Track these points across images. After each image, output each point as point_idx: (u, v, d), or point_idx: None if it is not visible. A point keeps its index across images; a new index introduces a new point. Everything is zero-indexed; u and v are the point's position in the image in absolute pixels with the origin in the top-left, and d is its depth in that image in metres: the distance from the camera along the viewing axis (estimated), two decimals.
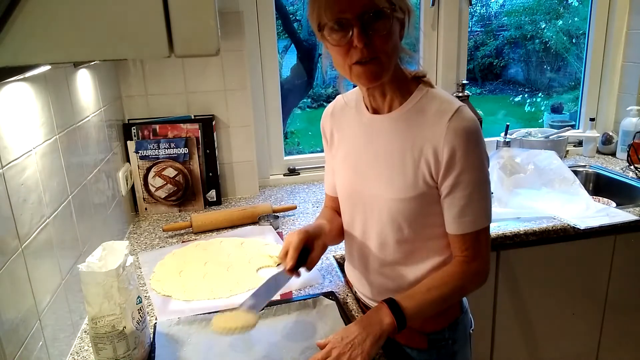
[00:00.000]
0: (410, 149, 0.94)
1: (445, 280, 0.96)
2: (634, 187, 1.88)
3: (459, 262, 0.97)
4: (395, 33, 0.90)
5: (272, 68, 1.95)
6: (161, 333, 1.02)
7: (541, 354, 1.72)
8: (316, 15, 0.89)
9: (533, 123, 3.19)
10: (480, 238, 0.96)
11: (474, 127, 0.91)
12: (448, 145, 0.90)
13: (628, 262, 1.67)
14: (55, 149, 1.05)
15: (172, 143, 1.72)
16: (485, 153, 0.95)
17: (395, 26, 0.89)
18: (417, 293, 0.95)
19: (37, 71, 0.95)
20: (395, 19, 0.89)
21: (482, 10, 3.84)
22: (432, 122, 0.92)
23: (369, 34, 0.86)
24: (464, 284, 0.97)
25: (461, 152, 0.90)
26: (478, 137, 0.92)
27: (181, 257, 1.39)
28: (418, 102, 0.96)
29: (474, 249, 0.95)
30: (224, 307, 1.10)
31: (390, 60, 0.91)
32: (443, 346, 1.05)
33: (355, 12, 0.85)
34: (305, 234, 1.02)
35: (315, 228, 1.06)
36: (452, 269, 0.97)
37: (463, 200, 0.93)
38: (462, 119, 0.90)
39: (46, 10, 0.59)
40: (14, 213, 0.83)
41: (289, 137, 3.20)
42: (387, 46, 0.88)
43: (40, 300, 0.91)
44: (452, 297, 0.99)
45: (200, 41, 0.64)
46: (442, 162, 0.91)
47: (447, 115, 0.91)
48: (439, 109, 0.93)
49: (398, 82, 0.96)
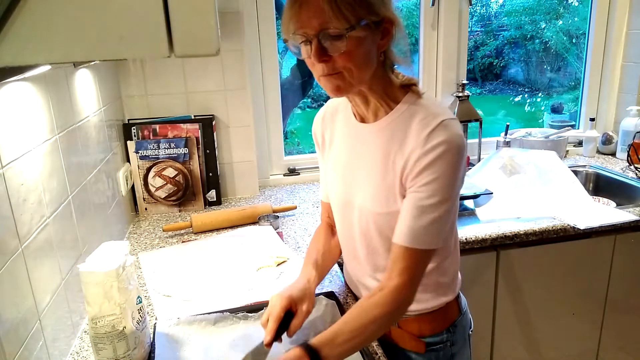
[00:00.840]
0: (392, 161, 0.92)
1: (372, 315, 0.88)
2: (634, 187, 1.88)
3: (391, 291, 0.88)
4: (365, 45, 0.86)
5: (272, 68, 1.95)
6: (161, 333, 1.02)
7: (541, 354, 1.72)
8: (284, 29, 0.89)
9: (533, 123, 3.19)
10: (418, 258, 0.89)
11: (454, 142, 0.86)
12: (423, 155, 0.86)
13: (628, 262, 1.67)
14: (55, 149, 1.05)
15: (172, 143, 1.72)
16: (460, 176, 0.89)
17: (366, 38, 0.85)
18: (339, 335, 0.86)
19: (37, 71, 0.95)
20: (364, 29, 0.84)
21: (482, 10, 3.84)
22: (415, 133, 0.89)
23: (329, 50, 0.84)
24: (392, 317, 0.91)
25: (434, 165, 0.85)
26: (455, 154, 0.86)
27: (181, 257, 1.39)
28: (404, 112, 0.92)
29: (410, 269, 0.88)
30: (224, 307, 1.10)
31: (357, 72, 0.87)
32: (441, 349, 1.05)
33: (313, 30, 0.83)
34: (289, 299, 0.96)
35: (301, 290, 1.00)
36: (383, 300, 0.88)
37: (416, 211, 0.88)
38: (443, 133, 0.86)
39: (46, 10, 0.59)
40: (14, 213, 0.83)
41: (289, 137, 3.20)
42: (350, 62, 0.85)
43: (40, 300, 0.91)
44: (377, 333, 0.92)
45: (200, 41, 0.64)
46: (413, 171, 0.88)
47: (429, 128, 0.87)
48: (422, 119, 0.89)
49: (383, 90, 0.93)
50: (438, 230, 0.89)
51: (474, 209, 1.66)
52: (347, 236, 1.08)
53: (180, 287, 1.23)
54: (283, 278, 1.25)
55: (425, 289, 1.01)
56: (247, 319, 1.05)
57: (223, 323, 1.04)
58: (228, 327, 1.03)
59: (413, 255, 0.89)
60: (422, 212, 0.87)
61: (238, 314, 1.05)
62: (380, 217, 0.95)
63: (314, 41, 0.84)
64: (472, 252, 1.51)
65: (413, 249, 0.88)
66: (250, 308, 1.09)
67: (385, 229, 0.95)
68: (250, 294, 1.18)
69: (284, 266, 1.31)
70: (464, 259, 1.47)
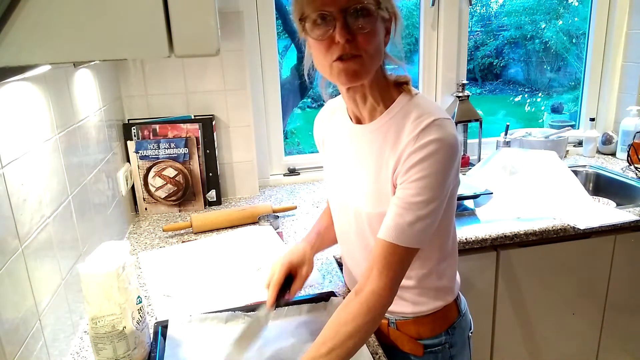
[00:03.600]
0: (385, 161, 0.91)
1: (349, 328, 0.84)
2: (634, 187, 1.88)
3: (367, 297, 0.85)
4: (380, 34, 0.86)
5: (272, 68, 1.95)
6: (173, 331, 1.02)
7: (541, 354, 1.72)
8: (298, 7, 0.86)
9: (533, 123, 3.19)
10: (397, 255, 0.86)
11: (446, 141, 0.84)
12: (414, 153, 0.85)
13: (628, 262, 1.67)
14: (55, 149, 1.05)
15: (172, 143, 1.72)
16: (451, 175, 0.87)
17: (380, 27, 0.86)
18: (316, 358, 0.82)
19: (37, 71, 0.95)
20: (381, 19, 0.86)
21: (482, 10, 3.84)
22: (407, 132, 0.87)
23: (352, 30, 0.82)
24: (373, 323, 0.86)
25: (424, 162, 0.84)
26: (447, 153, 0.84)
27: (181, 257, 1.39)
28: (398, 112, 0.91)
29: (389, 265, 0.86)
30: (224, 307, 1.10)
31: (372, 60, 0.86)
32: (440, 351, 1.04)
33: (338, 6, 0.81)
34: (289, 265, 1.03)
35: (300, 255, 1.06)
36: (358, 309, 0.85)
37: (402, 208, 0.86)
38: (436, 132, 0.84)
39: (46, 10, 0.59)
40: (14, 213, 0.83)
41: (289, 137, 3.20)
42: (370, 45, 0.84)
43: (40, 300, 0.91)
44: (359, 344, 0.85)
45: (200, 41, 0.64)
46: (403, 167, 0.86)
47: (422, 126, 0.85)
48: (416, 119, 0.87)
49: (380, 89, 0.93)
50: (423, 228, 0.86)
51: (474, 209, 1.66)
52: (344, 237, 1.08)
53: (180, 287, 1.23)
54: None
55: (423, 292, 1.01)
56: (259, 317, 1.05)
57: (234, 321, 1.04)
58: (239, 325, 1.04)
59: (395, 253, 0.86)
60: (408, 209, 0.85)
61: (249, 313, 1.06)
62: (374, 217, 0.95)
63: (339, 18, 0.82)
64: (472, 252, 1.51)
65: (396, 245, 0.86)
66: (252, 307, 1.09)
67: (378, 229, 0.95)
68: (250, 294, 1.18)
69: None
70: (464, 259, 1.47)
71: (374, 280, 0.86)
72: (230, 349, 0.97)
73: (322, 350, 0.82)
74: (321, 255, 1.39)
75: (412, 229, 0.85)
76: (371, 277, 0.87)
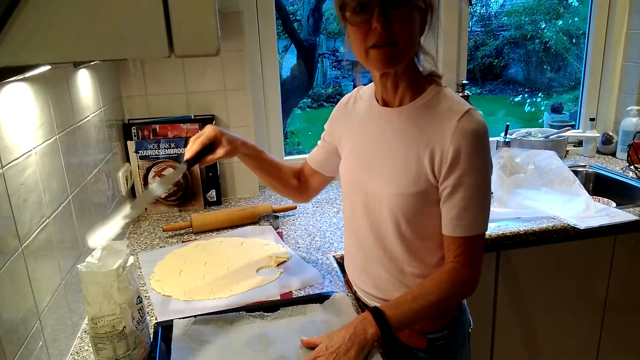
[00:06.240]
0: (415, 145, 0.95)
1: (432, 289, 0.95)
2: (634, 187, 1.88)
3: (449, 270, 0.95)
4: (416, 24, 0.90)
5: (272, 68, 1.95)
6: (178, 333, 1.01)
7: (541, 354, 1.72)
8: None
9: (533, 123, 3.20)
10: (474, 244, 0.95)
11: (482, 130, 0.91)
12: (454, 144, 0.90)
13: (628, 262, 1.67)
14: (55, 149, 1.05)
15: (172, 143, 1.72)
16: (490, 160, 0.94)
17: (416, 17, 0.90)
18: (402, 302, 0.94)
19: (37, 71, 0.95)
20: (417, 9, 0.89)
21: (482, 10, 3.85)
22: (440, 121, 0.92)
23: (389, 17, 0.86)
24: (451, 294, 0.96)
25: (466, 153, 0.89)
26: (485, 141, 0.91)
27: (181, 257, 1.39)
28: (429, 100, 0.96)
29: (466, 255, 0.94)
30: (224, 307, 1.10)
31: (407, 48, 0.90)
32: (442, 345, 1.06)
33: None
34: (219, 134, 1.06)
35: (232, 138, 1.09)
36: (441, 277, 0.95)
37: (462, 203, 0.92)
38: (471, 121, 0.90)
39: (46, 10, 0.60)
40: (14, 213, 0.83)
41: (289, 137, 3.20)
42: (406, 33, 0.88)
43: (40, 300, 0.91)
44: (438, 307, 0.96)
45: (200, 41, 0.64)
46: (447, 160, 0.91)
47: (457, 116, 0.91)
48: (449, 108, 0.93)
49: (411, 77, 0.97)
50: (485, 214, 0.94)
51: None
52: (356, 219, 1.08)
53: (180, 287, 1.23)
54: (283, 278, 1.25)
55: None
56: (264, 318, 1.05)
57: (239, 322, 1.04)
58: (245, 326, 1.03)
59: (468, 242, 0.94)
60: (469, 202, 0.92)
61: (254, 313, 1.05)
62: (395, 198, 0.97)
63: (377, 5, 0.85)
64: None
65: (468, 237, 0.93)
66: (266, 306, 1.08)
67: (397, 212, 0.97)
68: (250, 294, 1.18)
69: (284, 266, 1.31)
70: None
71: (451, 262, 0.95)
72: (236, 349, 0.96)
73: (407, 297, 0.95)
74: (321, 255, 1.39)
75: (479, 216, 0.94)
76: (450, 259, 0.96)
